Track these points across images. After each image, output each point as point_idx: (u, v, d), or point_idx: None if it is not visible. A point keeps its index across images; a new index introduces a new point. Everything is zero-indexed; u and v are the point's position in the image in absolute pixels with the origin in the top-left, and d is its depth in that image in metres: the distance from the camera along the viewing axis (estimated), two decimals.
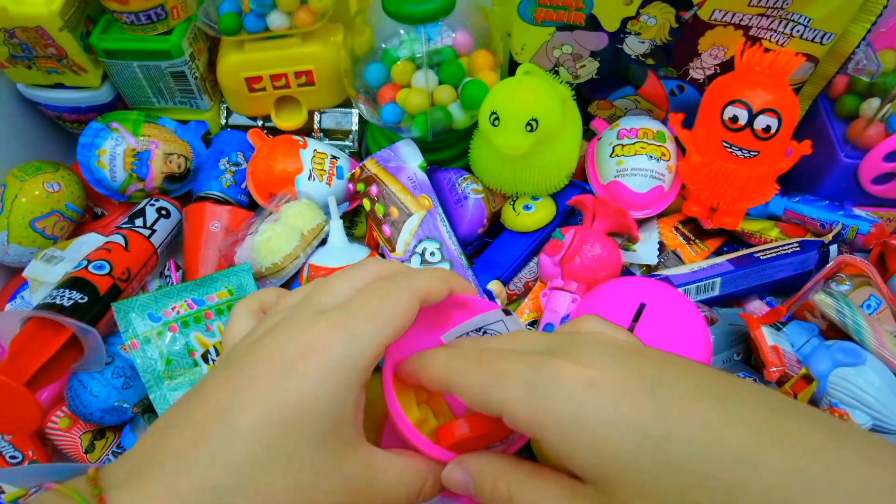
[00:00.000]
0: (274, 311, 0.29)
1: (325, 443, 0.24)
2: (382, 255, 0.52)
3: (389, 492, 0.26)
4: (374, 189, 0.52)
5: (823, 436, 0.20)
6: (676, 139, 0.54)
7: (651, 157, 0.53)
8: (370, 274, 0.28)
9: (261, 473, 0.23)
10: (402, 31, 0.50)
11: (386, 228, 0.51)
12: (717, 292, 0.50)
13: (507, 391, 0.23)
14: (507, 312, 0.29)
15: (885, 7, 0.46)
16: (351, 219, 0.59)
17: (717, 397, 0.21)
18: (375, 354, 0.25)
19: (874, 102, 0.50)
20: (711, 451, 0.20)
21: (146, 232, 0.53)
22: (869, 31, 0.47)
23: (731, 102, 0.48)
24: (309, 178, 0.54)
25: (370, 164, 0.53)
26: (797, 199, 0.53)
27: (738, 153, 0.49)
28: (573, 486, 0.23)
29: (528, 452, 0.40)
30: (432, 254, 0.50)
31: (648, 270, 0.52)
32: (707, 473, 0.19)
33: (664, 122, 0.56)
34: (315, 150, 0.56)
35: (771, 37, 0.49)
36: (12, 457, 0.48)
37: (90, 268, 0.48)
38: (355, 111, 0.61)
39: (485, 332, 0.30)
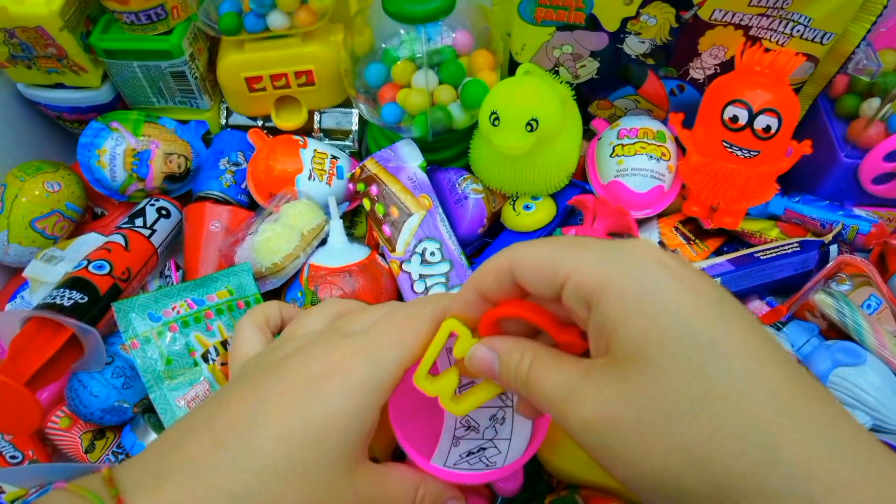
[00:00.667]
0: (292, 333, 0.31)
1: (340, 459, 0.25)
2: (382, 256, 0.52)
3: (388, 501, 0.27)
4: (374, 189, 0.52)
5: (843, 413, 0.20)
6: (676, 139, 0.54)
7: (651, 156, 0.53)
8: (393, 307, 0.30)
9: (277, 483, 0.24)
10: (402, 31, 0.50)
11: (386, 228, 0.51)
12: None
13: (581, 257, 0.22)
14: None
15: (885, 7, 0.46)
16: (351, 219, 0.59)
17: (767, 338, 0.21)
18: (396, 378, 0.26)
19: (874, 102, 0.50)
20: (747, 378, 0.20)
21: (146, 232, 0.53)
22: (869, 30, 0.47)
23: (731, 102, 0.48)
24: (309, 178, 0.54)
25: (370, 164, 0.53)
26: (797, 198, 0.53)
27: (739, 153, 0.49)
28: (589, 366, 0.23)
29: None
30: (432, 254, 0.50)
31: None
32: (733, 393, 0.19)
33: (664, 122, 0.56)
34: (315, 150, 0.56)
35: (771, 37, 0.49)
36: (12, 457, 0.48)
37: (90, 268, 0.48)
38: (355, 111, 0.61)
39: None
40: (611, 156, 0.54)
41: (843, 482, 0.18)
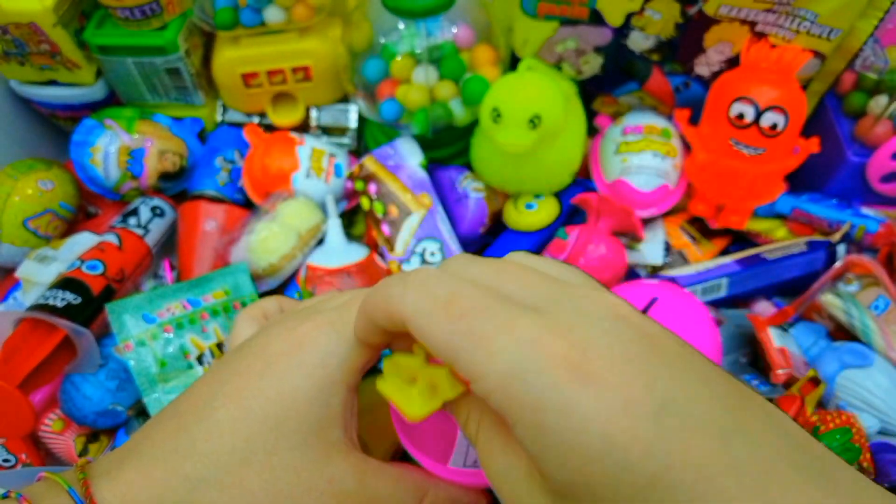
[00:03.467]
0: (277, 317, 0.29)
1: (306, 443, 0.23)
2: (381, 256, 0.51)
3: (382, 502, 0.25)
4: (372, 187, 0.51)
5: (817, 494, 0.17)
6: (682, 136, 0.54)
7: (656, 154, 0.52)
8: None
9: (237, 467, 0.23)
10: (401, 26, 0.49)
11: (385, 228, 0.50)
12: (723, 293, 0.49)
13: (484, 364, 0.18)
14: None
15: (892, 3, 0.45)
16: (349, 218, 0.58)
17: (722, 430, 0.17)
18: (366, 356, 0.25)
19: (882, 100, 0.49)
20: None
21: (140, 231, 0.52)
22: (876, 27, 0.47)
23: (737, 99, 0.47)
24: (306, 177, 0.53)
25: (369, 162, 0.52)
26: (804, 197, 0.53)
27: (745, 151, 0.48)
28: (531, 473, 0.19)
29: None
30: (432, 254, 0.49)
31: (654, 271, 0.52)
32: None
33: (669, 118, 0.55)
34: (312, 147, 0.55)
35: (777, 32, 0.48)
36: (5, 460, 0.48)
37: (83, 268, 0.47)
38: (354, 108, 0.60)
39: None
40: (615, 153, 0.53)
41: None
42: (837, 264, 0.49)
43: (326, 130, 0.61)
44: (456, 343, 0.19)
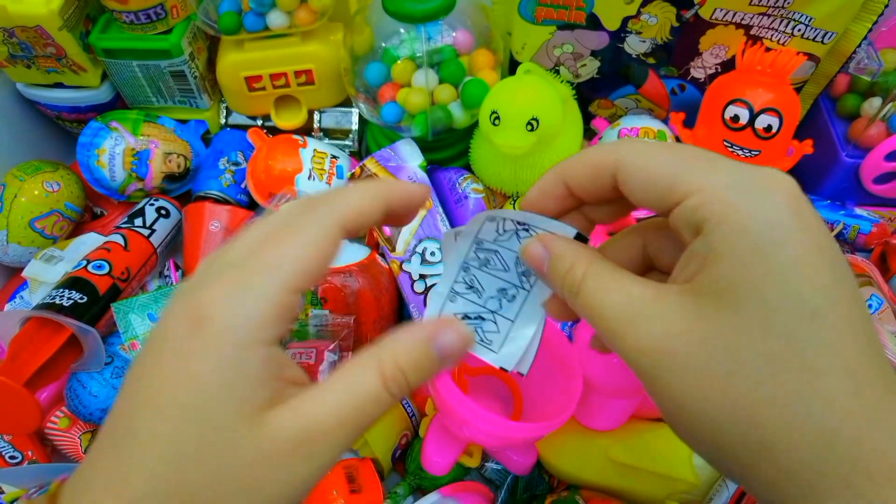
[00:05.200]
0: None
1: (235, 418, 0.21)
2: (382, 255, 0.52)
3: (350, 410, 0.22)
4: None
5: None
6: (677, 139, 0.54)
7: None
8: (293, 208, 0.24)
9: (173, 472, 0.21)
10: (402, 30, 0.50)
11: (386, 228, 0.51)
12: None
13: (707, 177, 0.20)
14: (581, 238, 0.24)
15: (886, 6, 0.46)
16: None
17: (866, 313, 0.20)
18: (284, 306, 0.21)
19: (875, 102, 0.50)
20: (835, 355, 0.19)
21: (146, 232, 0.53)
22: (870, 30, 0.47)
23: (732, 102, 0.48)
24: (309, 178, 0.54)
25: (370, 164, 0.53)
26: None
27: (740, 153, 0.49)
28: (663, 290, 0.21)
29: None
30: (433, 253, 0.49)
31: None
32: (815, 368, 0.19)
33: (665, 121, 0.56)
34: (315, 149, 0.55)
35: (772, 36, 0.49)
36: (12, 457, 0.48)
37: (89, 268, 0.48)
38: (355, 110, 0.61)
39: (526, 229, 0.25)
40: None
41: None
42: None
43: (328, 133, 0.62)
44: (677, 167, 0.21)
